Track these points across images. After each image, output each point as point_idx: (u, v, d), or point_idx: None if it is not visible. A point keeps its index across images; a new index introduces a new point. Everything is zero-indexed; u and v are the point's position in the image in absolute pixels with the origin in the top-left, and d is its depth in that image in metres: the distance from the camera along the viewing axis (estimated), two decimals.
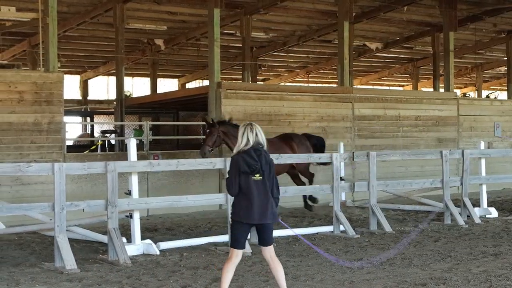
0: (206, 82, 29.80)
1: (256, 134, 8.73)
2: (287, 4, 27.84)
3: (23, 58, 31.27)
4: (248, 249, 12.57)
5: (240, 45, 31.37)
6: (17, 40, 30.50)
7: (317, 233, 15.26)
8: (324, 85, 41.33)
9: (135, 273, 11.13)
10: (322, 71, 41.81)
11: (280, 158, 14.95)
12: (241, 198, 8.67)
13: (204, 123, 18.78)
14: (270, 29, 32.09)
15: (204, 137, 17.92)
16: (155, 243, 13.13)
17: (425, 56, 39.61)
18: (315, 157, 16.52)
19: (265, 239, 8.81)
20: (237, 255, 8.75)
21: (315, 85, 39.28)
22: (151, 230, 15.83)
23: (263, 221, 8.65)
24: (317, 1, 28.12)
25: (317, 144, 18.97)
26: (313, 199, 18.10)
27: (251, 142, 8.68)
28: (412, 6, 29.09)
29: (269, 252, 8.83)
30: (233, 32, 30.56)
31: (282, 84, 40.29)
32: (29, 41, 30.01)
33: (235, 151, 8.82)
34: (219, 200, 14.94)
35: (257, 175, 8.63)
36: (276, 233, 14.06)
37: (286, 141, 18.33)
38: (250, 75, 32.32)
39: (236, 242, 8.76)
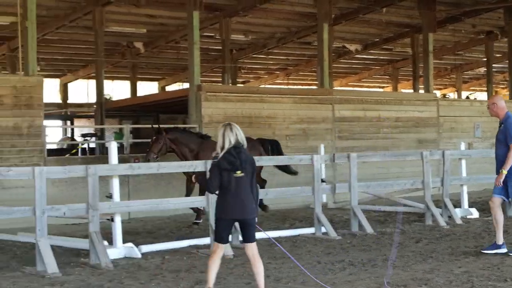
0: (186, 85, 29.77)
1: (236, 134, 8.95)
2: (266, 6, 27.89)
3: (2, 62, 31.15)
4: (230, 251, 12.57)
5: (220, 47, 31.37)
6: None
7: (298, 235, 15.27)
8: (304, 87, 41.42)
9: (117, 276, 11.08)
10: (302, 73, 41.85)
11: (260, 161, 14.96)
12: (223, 195, 8.93)
13: (184, 125, 18.71)
14: (250, 31, 32.12)
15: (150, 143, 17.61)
16: (137, 246, 13.09)
17: (404, 57, 39.76)
18: (296, 159, 16.51)
19: (248, 235, 9.11)
20: (221, 249, 9.09)
21: (295, 87, 39.36)
22: (132, 233, 15.77)
23: (244, 216, 8.97)
24: (296, 3, 28.18)
25: (273, 149, 18.57)
26: (263, 206, 17.55)
27: (232, 141, 8.89)
28: (391, 8, 29.25)
29: (251, 249, 9.10)
30: (213, 34, 30.56)
31: (262, 86, 40.32)
32: (8, 45, 29.88)
33: (217, 150, 8.98)
34: (199, 203, 14.92)
35: (238, 172, 8.86)
36: (258, 235, 14.12)
37: None
38: (230, 77, 32.34)
39: (220, 238, 9.08)
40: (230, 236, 13.15)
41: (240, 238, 12.94)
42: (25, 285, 10.60)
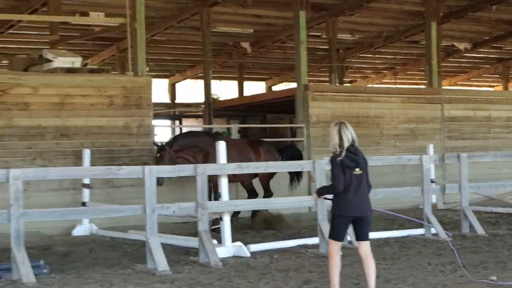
0: (293, 85, 29.78)
1: (351, 132, 8.96)
2: (373, 5, 27.67)
3: (112, 62, 31.63)
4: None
5: (327, 47, 31.28)
6: (106, 45, 30.85)
7: (407, 235, 15.08)
8: (412, 86, 40.89)
9: (226, 275, 11.15)
10: (409, 72, 41.28)
11: (371, 160, 14.80)
12: (343, 192, 8.88)
13: (292, 125, 18.64)
14: (356, 30, 31.92)
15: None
16: (246, 245, 13.14)
17: None
18: (404, 159, 16.30)
19: (363, 233, 9.10)
20: (338, 247, 9.09)
21: (403, 86, 38.85)
22: (241, 232, 15.84)
23: (364, 213, 8.96)
24: (403, 1, 27.90)
25: (293, 157, 17.99)
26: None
27: (350, 139, 8.90)
28: (501, 5, 28.57)
29: (365, 247, 9.10)
30: (319, 34, 30.50)
31: (370, 85, 39.97)
32: (117, 46, 30.28)
33: (332, 149, 8.96)
34: (308, 202, 14.91)
35: (358, 169, 8.89)
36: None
37: (253, 145, 17.77)
38: (337, 77, 32.20)
39: (337, 235, 9.06)
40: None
41: (349, 238, 12.89)
42: (136, 282, 10.77)
